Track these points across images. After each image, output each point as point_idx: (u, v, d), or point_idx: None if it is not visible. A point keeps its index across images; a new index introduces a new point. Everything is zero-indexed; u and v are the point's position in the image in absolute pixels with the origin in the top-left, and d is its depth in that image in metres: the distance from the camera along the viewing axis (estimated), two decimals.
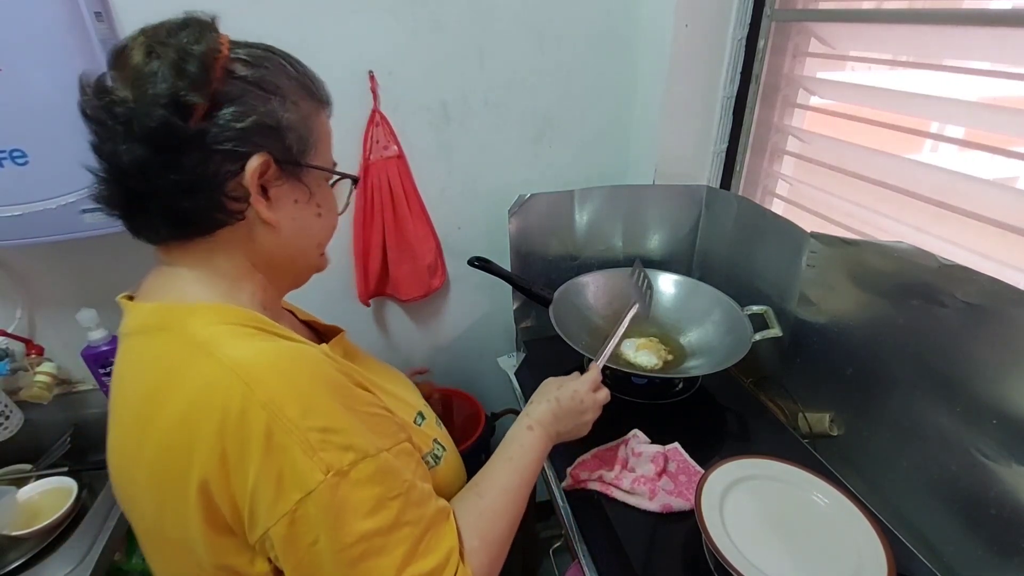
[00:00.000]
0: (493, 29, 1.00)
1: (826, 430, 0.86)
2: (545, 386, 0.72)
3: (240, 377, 0.41)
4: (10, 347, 1.03)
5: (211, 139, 0.44)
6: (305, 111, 0.51)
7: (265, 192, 0.49)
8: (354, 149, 1.01)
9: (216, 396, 0.41)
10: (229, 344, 0.44)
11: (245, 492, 0.41)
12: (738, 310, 0.95)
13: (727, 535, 0.62)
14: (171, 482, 0.43)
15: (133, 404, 0.47)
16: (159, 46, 0.44)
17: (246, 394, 0.41)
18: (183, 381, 0.43)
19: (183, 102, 0.43)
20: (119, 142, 0.43)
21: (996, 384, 0.62)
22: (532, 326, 1.18)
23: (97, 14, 0.79)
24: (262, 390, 0.41)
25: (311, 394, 0.43)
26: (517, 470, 0.61)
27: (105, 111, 0.43)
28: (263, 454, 0.40)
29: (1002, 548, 0.62)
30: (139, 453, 0.45)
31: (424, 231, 1.10)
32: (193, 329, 0.45)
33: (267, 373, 0.42)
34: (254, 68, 0.47)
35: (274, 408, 0.41)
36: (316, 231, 0.55)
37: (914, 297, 0.70)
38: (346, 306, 1.15)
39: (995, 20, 0.65)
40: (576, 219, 1.12)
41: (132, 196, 0.46)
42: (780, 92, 1.01)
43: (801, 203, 1.00)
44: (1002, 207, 0.68)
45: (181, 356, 0.44)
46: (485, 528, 0.54)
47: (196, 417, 0.41)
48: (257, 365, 0.43)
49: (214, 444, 0.41)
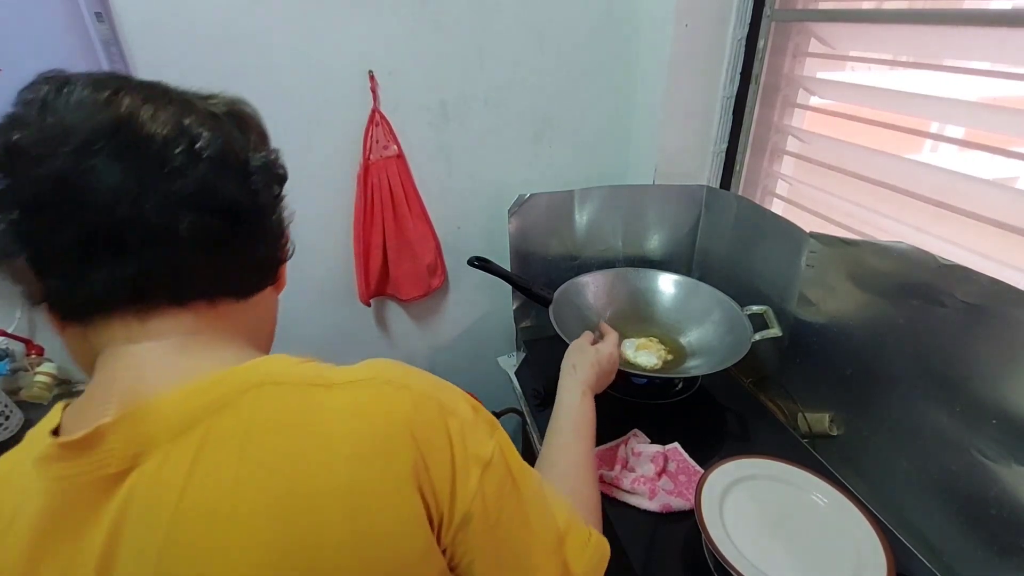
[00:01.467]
0: (493, 29, 1.00)
1: (826, 430, 0.86)
2: (580, 352, 0.76)
3: (390, 382, 0.39)
4: (10, 347, 1.03)
5: (263, 187, 0.42)
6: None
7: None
8: (354, 149, 1.01)
9: (380, 407, 0.37)
10: (337, 372, 0.39)
11: (445, 484, 0.37)
12: (738, 310, 0.95)
13: (727, 535, 0.62)
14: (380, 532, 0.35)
15: (273, 493, 0.33)
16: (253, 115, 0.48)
17: (408, 393, 0.38)
18: (325, 426, 0.35)
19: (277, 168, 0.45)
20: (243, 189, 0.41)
21: (996, 384, 0.62)
22: (532, 326, 1.18)
23: (97, 14, 0.79)
24: (418, 384, 0.40)
25: (440, 381, 0.43)
26: (586, 436, 0.64)
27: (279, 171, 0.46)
28: (455, 442, 0.38)
29: (1002, 548, 0.62)
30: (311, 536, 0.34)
31: (424, 231, 1.10)
32: (283, 375, 0.38)
33: (406, 373, 0.41)
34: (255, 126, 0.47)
35: (437, 395, 0.40)
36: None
37: (914, 297, 0.70)
38: (347, 306, 1.15)
39: (995, 20, 0.65)
40: (576, 219, 1.12)
41: (220, 241, 0.39)
42: (780, 92, 1.01)
43: (801, 203, 1.00)
44: (1002, 207, 0.68)
45: (300, 402, 0.36)
46: (583, 500, 0.56)
47: (371, 446, 0.35)
48: (390, 371, 0.40)
49: (409, 456, 0.36)
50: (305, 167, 1.01)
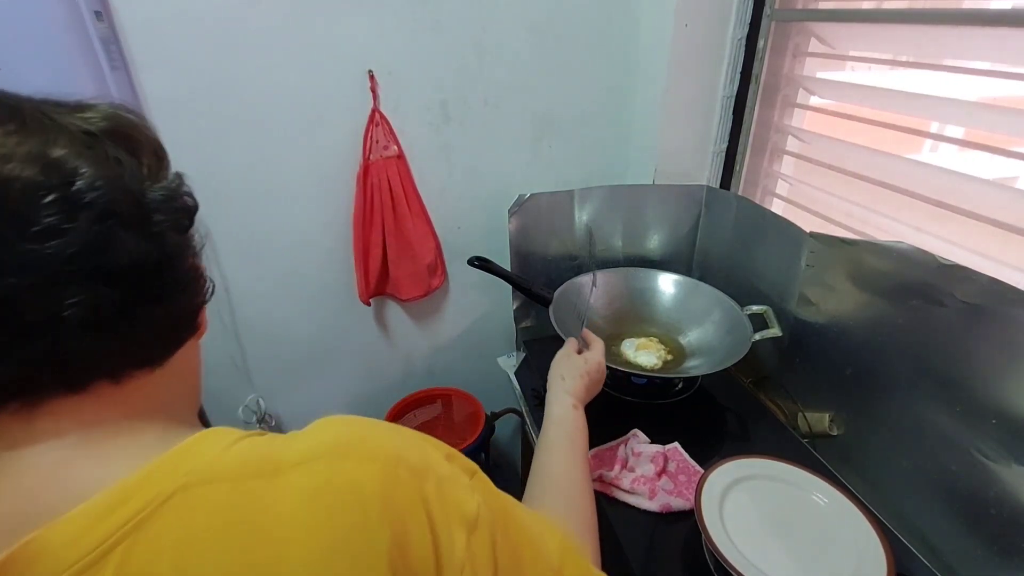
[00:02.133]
0: (493, 29, 1.00)
1: (826, 430, 0.86)
2: (568, 362, 0.74)
3: (347, 457, 0.32)
4: None
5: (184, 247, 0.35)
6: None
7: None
8: (354, 149, 1.01)
9: (341, 492, 0.31)
10: (282, 451, 0.32)
11: (428, 563, 0.32)
12: (738, 310, 0.95)
13: (727, 535, 0.62)
14: None
15: None
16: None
17: (372, 465, 0.32)
18: (277, 530, 0.29)
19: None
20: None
21: (996, 384, 0.62)
22: (532, 326, 1.18)
23: (97, 14, 0.78)
24: (381, 450, 0.33)
25: (405, 434, 0.37)
26: (580, 449, 0.62)
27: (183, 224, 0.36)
28: (433, 509, 0.33)
29: (1002, 548, 0.62)
30: None
31: (424, 231, 1.10)
32: (217, 467, 0.30)
33: (362, 438, 0.34)
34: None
35: (406, 457, 0.34)
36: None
37: (914, 297, 0.70)
38: (346, 306, 1.15)
39: (995, 20, 0.65)
40: (576, 219, 1.12)
41: (117, 322, 0.31)
42: (780, 92, 1.01)
43: (801, 203, 1.00)
44: (1002, 207, 0.68)
45: (243, 500, 0.29)
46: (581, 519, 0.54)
47: (332, 535, 0.29)
48: (344, 440, 0.34)
49: (383, 545, 0.30)
50: (305, 167, 1.01)
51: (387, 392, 1.27)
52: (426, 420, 1.33)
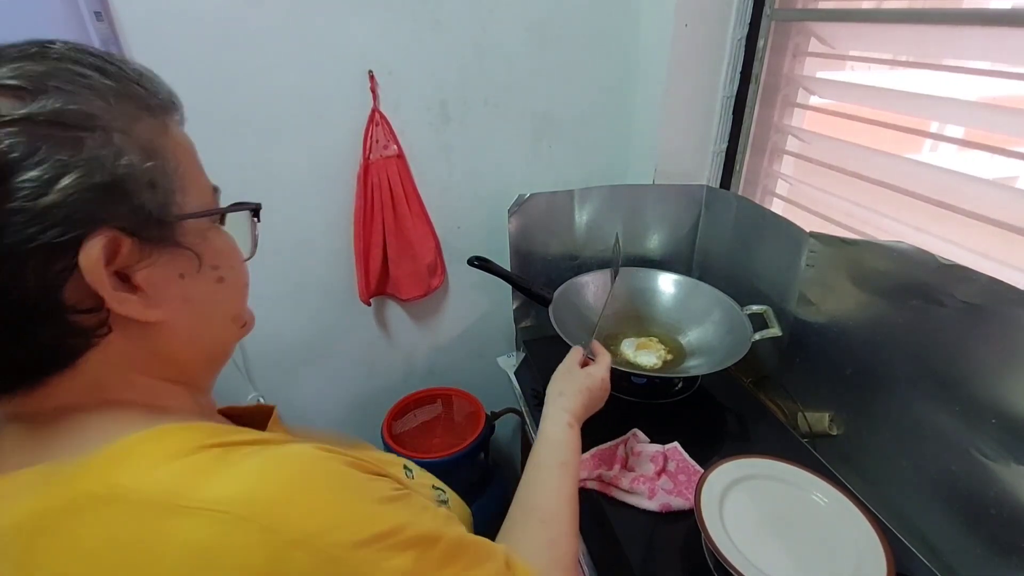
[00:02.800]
0: (493, 29, 1.00)
1: (826, 430, 0.86)
2: (568, 377, 0.69)
3: (248, 520, 0.29)
4: None
5: (14, 238, 0.28)
6: (147, 135, 0.33)
7: (130, 281, 0.33)
8: (354, 148, 1.01)
9: (226, 559, 0.28)
10: (204, 483, 0.30)
11: None
12: (738, 310, 0.95)
13: (727, 535, 0.62)
14: None
15: None
16: None
17: (268, 539, 0.29)
18: (158, 567, 0.28)
19: None
20: None
21: (995, 384, 0.62)
22: (532, 326, 1.18)
23: (97, 14, 0.79)
24: (286, 525, 0.30)
25: (342, 503, 0.33)
26: (571, 474, 0.57)
27: None
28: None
29: (1002, 547, 0.62)
30: None
31: (424, 231, 1.10)
32: (132, 485, 0.30)
33: (279, 500, 0.31)
34: (37, 96, 0.29)
35: (313, 541, 0.30)
36: (224, 303, 0.40)
37: (913, 297, 0.70)
38: (347, 306, 1.15)
39: (994, 20, 0.65)
40: (576, 219, 1.12)
41: None
42: (780, 92, 1.01)
43: (801, 203, 1.00)
44: (1002, 207, 0.68)
45: (134, 534, 0.29)
46: (560, 555, 0.49)
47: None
48: (261, 495, 0.30)
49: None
50: (305, 167, 1.01)
51: (387, 392, 1.27)
52: (426, 420, 1.33)
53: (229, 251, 0.41)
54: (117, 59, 0.34)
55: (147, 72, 0.36)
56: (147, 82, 0.36)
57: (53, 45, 0.32)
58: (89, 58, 0.32)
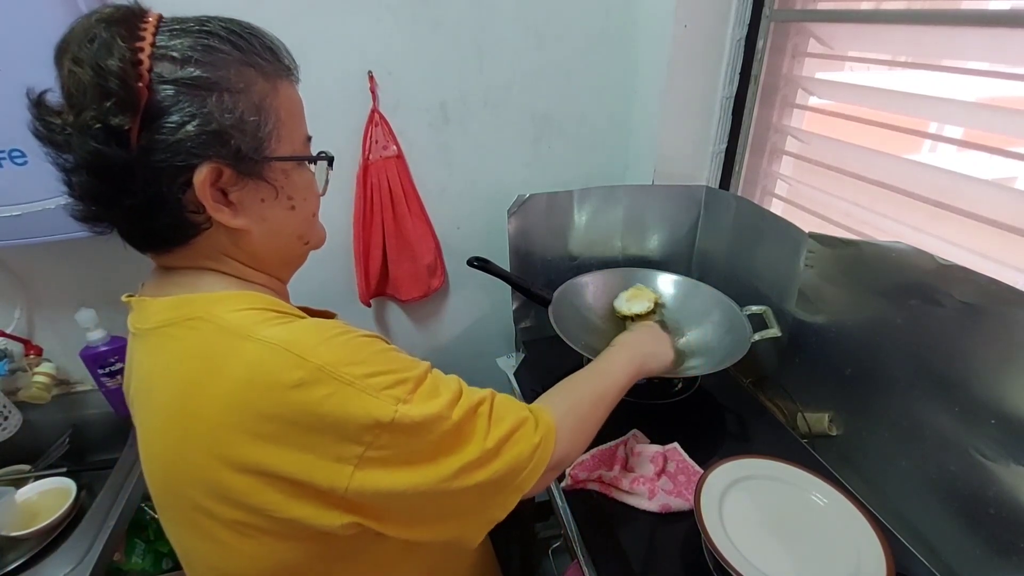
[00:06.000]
0: (492, 29, 1.00)
1: (825, 430, 0.86)
2: (658, 338, 0.84)
3: (290, 352, 0.42)
4: (9, 347, 1.03)
5: (154, 159, 0.42)
6: (259, 95, 0.46)
7: (226, 197, 0.47)
8: (353, 149, 1.01)
9: (270, 372, 0.42)
10: (263, 326, 0.44)
11: (327, 451, 0.42)
12: (737, 310, 0.95)
13: (726, 535, 0.62)
14: (227, 465, 0.42)
15: (170, 400, 0.45)
16: (76, 65, 0.40)
17: (303, 363, 0.42)
18: (226, 366, 0.42)
19: (114, 127, 0.40)
20: (68, 169, 0.43)
21: (995, 384, 0.62)
22: (531, 326, 1.18)
23: None
24: (316, 357, 0.42)
25: (355, 349, 0.45)
26: (599, 372, 0.69)
27: (48, 135, 0.42)
28: (335, 408, 0.42)
29: (1001, 548, 0.63)
30: (184, 446, 0.44)
31: (424, 231, 1.10)
32: (222, 316, 0.45)
33: (313, 344, 0.43)
34: (185, 65, 0.42)
35: (331, 367, 0.42)
36: (292, 225, 0.53)
37: (912, 297, 0.70)
38: (347, 306, 1.15)
39: (994, 20, 0.66)
40: (576, 219, 1.12)
41: (99, 217, 0.45)
42: (779, 92, 1.01)
43: (800, 203, 1.00)
44: (1001, 207, 0.68)
45: (218, 344, 0.44)
46: (574, 400, 0.62)
47: (250, 397, 0.41)
48: (299, 339, 0.43)
49: (276, 414, 0.41)
50: None
51: None
52: None
53: (305, 187, 0.54)
54: (253, 34, 0.48)
55: (275, 45, 0.50)
56: (270, 54, 0.49)
57: (208, 24, 0.45)
58: (231, 35, 0.45)
